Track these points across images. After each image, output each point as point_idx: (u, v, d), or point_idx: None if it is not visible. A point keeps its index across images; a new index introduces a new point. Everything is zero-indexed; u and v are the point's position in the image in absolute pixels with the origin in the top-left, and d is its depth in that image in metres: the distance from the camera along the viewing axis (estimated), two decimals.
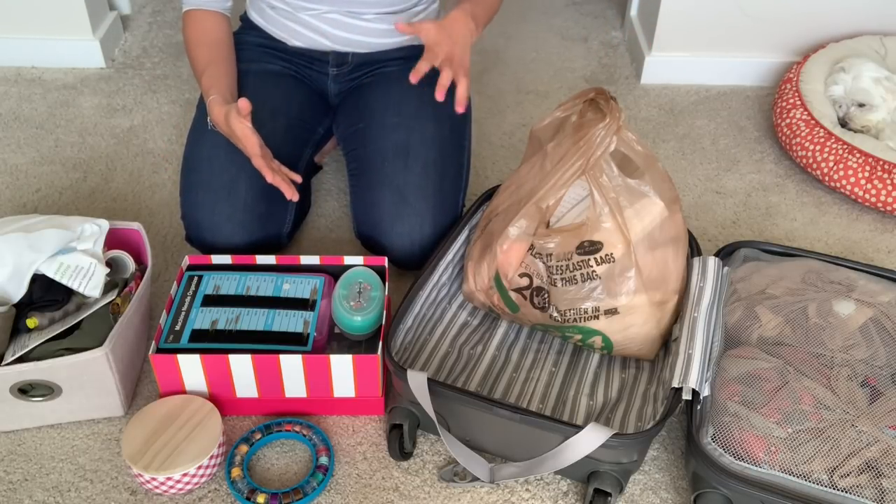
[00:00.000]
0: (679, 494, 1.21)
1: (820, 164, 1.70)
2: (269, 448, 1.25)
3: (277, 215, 1.45)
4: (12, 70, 2.04)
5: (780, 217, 1.70)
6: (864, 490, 1.06)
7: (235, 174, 1.39)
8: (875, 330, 1.23)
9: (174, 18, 2.27)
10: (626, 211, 1.20)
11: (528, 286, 1.27)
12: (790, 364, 1.19)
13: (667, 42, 2.01)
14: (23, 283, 1.22)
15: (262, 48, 1.54)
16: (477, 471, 1.18)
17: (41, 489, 1.19)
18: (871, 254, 1.62)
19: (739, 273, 1.36)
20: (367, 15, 1.48)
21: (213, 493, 1.19)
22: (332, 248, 1.59)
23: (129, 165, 1.77)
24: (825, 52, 1.90)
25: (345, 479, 1.21)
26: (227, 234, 1.38)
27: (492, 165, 1.80)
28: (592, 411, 1.25)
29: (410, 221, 1.39)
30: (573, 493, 1.20)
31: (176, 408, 1.21)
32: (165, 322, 1.26)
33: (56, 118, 1.89)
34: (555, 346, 1.36)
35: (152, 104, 1.95)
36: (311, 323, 1.27)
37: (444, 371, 1.30)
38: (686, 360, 1.16)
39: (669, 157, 1.84)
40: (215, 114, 1.32)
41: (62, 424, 1.27)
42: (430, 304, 1.36)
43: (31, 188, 1.70)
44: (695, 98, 2.02)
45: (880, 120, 1.73)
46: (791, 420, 1.12)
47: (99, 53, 2.04)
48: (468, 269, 1.33)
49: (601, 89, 1.21)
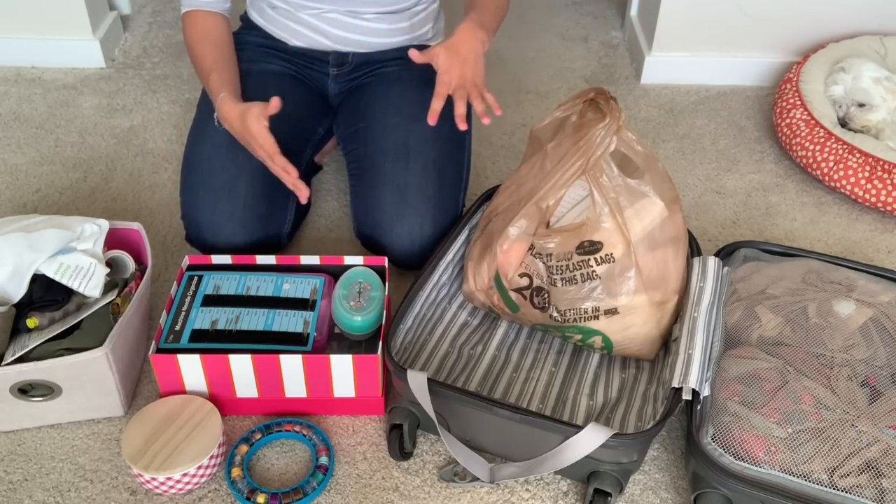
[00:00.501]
0: (679, 494, 1.21)
1: (820, 164, 1.70)
2: (269, 448, 1.25)
3: (278, 215, 1.45)
4: (12, 70, 2.04)
5: (780, 217, 1.70)
6: (864, 490, 1.06)
7: (236, 174, 1.39)
8: (875, 330, 1.23)
9: (174, 18, 2.27)
10: (626, 211, 1.20)
11: (528, 286, 1.27)
12: (790, 364, 1.19)
13: (667, 42, 2.01)
14: (23, 283, 1.22)
15: (263, 48, 1.54)
16: (477, 471, 1.18)
17: (41, 489, 1.19)
18: (871, 254, 1.62)
19: (739, 273, 1.36)
20: (368, 14, 1.48)
21: (213, 493, 1.19)
22: (332, 248, 1.59)
23: (129, 165, 1.77)
24: (825, 52, 1.90)
25: (345, 479, 1.21)
26: (227, 234, 1.38)
27: (492, 165, 1.80)
28: (592, 411, 1.25)
29: (410, 221, 1.39)
30: (573, 493, 1.20)
31: (176, 408, 1.21)
32: (165, 322, 1.26)
33: (56, 118, 1.89)
34: (555, 346, 1.36)
35: (152, 104, 1.95)
36: (311, 323, 1.27)
37: (444, 371, 1.30)
38: (686, 360, 1.16)
39: (669, 157, 1.84)
40: (227, 111, 1.31)
41: (62, 424, 1.27)
42: (430, 304, 1.36)
43: (31, 188, 1.70)
44: (695, 98, 2.02)
45: (880, 120, 1.73)
46: (791, 420, 1.12)
47: (99, 53, 2.04)
48: (468, 269, 1.33)
49: (601, 89, 1.21)
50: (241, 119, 1.28)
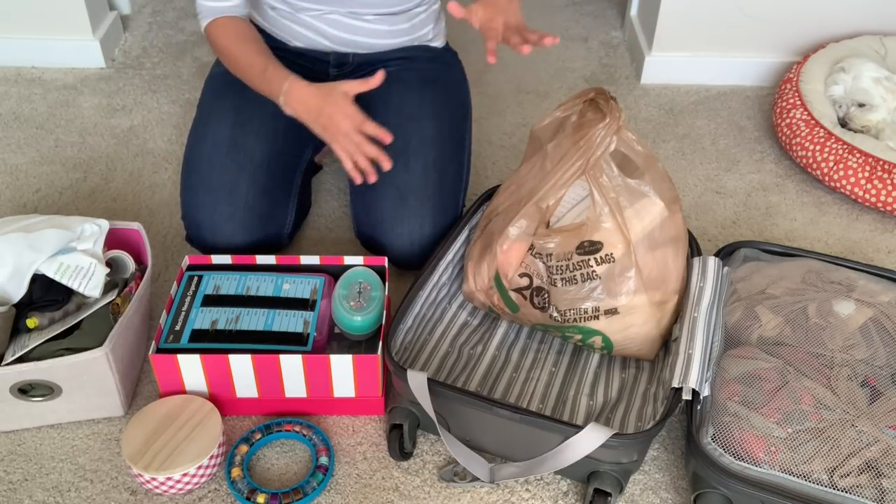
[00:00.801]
0: (679, 494, 1.21)
1: (820, 164, 1.70)
2: (269, 448, 1.25)
3: (278, 215, 1.45)
4: (12, 70, 2.04)
5: (780, 217, 1.70)
6: (864, 490, 1.06)
7: (236, 174, 1.39)
8: (875, 330, 1.23)
9: (174, 18, 2.27)
10: (626, 211, 1.20)
11: (528, 286, 1.27)
12: (790, 364, 1.19)
13: (667, 42, 2.01)
14: (23, 283, 1.22)
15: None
16: (477, 471, 1.18)
17: (41, 489, 1.19)
18: (871, 254, 1.62)
19: (739, 273, 1.36)
20: (368, 16, 1.48)
21: (213, 493, 1.19)
22: (332, 248, 1.59)
23: (129, 165, 1.77)
24: (825, 52, 1.90)
25: (345, 479, 1.21)
26: (228, 235, 1.38)
27: (492, 165, 1.80)
28: (592, 411, 1.25)
29: (411, 222, 1.39)
30: (573, 493, 1.20)
31: (176, 408, 1.21)
32: (165, 322, 1.26)
33: (56, 118, 1.89)
34: (555, 346, 1.36)
35: (152, 104, 1.95)
36: (311, 323, 1.27)
37: (444, 371, 1.30)
38: (686, 360, 1.16)
39: (669, 157, 1.84)
40: (304, 92, 1.30)
41: (62, 424, 1.27)
42: (430, 304, 1.36)
43: (31, 188, 1.70)
44: (695, 98, 2.02)
45: (880, 120, 1.73)
46: (791, 420, 1.12)
47: (99, 53, 2.04)
48: (468, 270, 1.33)
49: (601, 89, 1.21)
50: (324, 96, 1.28)
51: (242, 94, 1.43)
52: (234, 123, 1.43)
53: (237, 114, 1.44)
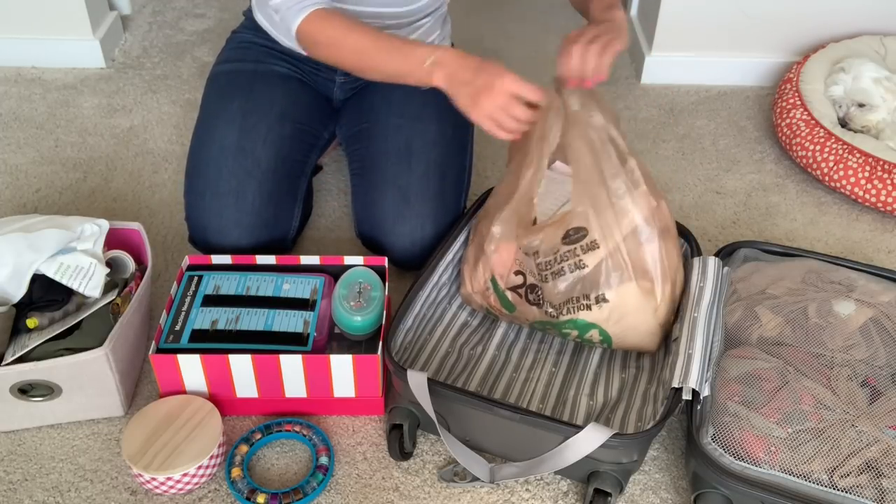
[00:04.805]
0: (679, 494, 1.21)
1: (820, 164, 1.70)
2: (269, 448, 1.25)
3: (284, 220, 1.44)
4: (12, 70, 2.04)
5: (780, 217, 1.70)
6: (864, 490, 1.06)
7: (244, 179, 1.38)
8: (875, 330, 1.23)
9: (174, 18, 2.27)
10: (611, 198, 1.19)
11: (522, 284, 1.27)
12: (790, 364, 1.19)
13: (667, 42, 2.01)
14: (23, 283, 1.22)
15: (268, 49, 1.53)
16: (477, 471, 1.18)
17: (41, 489, 1.19)
18: (871, 254, 1.62)
19: (739, 273, 1.36)
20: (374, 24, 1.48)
21: (213, 493, 1.19)
22: (332, 248, 1.59)
23: (129, 165, 1.77)
24: (825, 52, 1.90)
25: (345, 479, 1.21)
26: (233, 239, 1.38)
27: (493, 165, 1.80)
28: (592, 411, 1.25)
29: (412, 222, 1.39)
30: (573, 493, 1.20)
31: (176, 408, 1.21)
32: (165, 322, 1.26)
33: (56, 118, 1.89)
34: (555, 345, 1.36)
35: (152, 104, 1.95)
36: (311, 323, 1.27)
37: (444, 371, 1.30)
38: (686, 360, 1.16)
39: (669, 157, 1.84)
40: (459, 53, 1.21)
41: (62, 424, 1.27)
42: (430, 304, 1.36)
43: (31, 188, 1.70)
44: (695, 98, 2.02)
45: (880, 120, 1.73)
46: (791, 420, 1.12)
47: (99, 53, 2.04)
48: (464, 273, 1.33)
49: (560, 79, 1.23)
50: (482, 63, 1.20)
51: (248, 96, 1.43)
52: (241, 127, 1.42)
53: (244, 117, 1.43)
